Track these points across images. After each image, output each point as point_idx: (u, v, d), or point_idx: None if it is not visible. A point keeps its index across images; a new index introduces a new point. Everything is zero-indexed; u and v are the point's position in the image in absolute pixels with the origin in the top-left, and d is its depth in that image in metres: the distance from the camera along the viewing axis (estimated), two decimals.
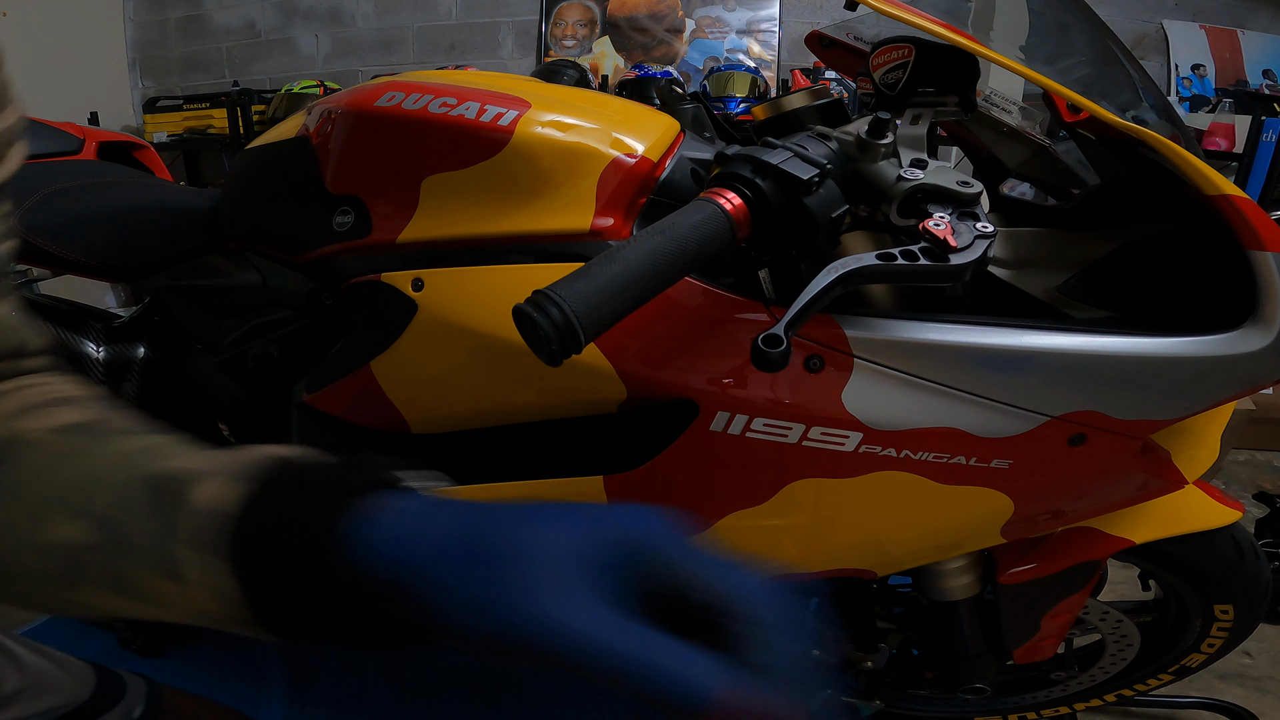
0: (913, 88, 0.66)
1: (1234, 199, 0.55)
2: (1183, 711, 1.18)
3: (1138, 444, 0.64)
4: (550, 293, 0.43)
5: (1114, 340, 0.57)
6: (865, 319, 0.58)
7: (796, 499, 0.64)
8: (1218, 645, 0.90)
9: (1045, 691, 1.02)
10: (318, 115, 0.75)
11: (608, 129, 0.63)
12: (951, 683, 0.89)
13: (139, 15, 3.53)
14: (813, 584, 0.75)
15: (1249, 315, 0.56)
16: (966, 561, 0.81)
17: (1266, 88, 2.89)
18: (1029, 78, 0.55)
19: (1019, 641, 0.85)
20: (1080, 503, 0.69)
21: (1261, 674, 1.25)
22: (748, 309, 0.59)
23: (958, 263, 0.49)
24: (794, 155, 0.51)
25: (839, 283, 0.49)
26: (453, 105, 0.64)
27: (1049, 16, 0.74)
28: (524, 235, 0.62)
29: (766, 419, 0.60)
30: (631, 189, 0.62)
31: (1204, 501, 0.79)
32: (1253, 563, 0.82)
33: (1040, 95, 0.76)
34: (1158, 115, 0.67)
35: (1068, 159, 0.82)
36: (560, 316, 0.42)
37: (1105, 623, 0.91)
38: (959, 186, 0.53)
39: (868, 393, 0.59)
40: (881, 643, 0.95)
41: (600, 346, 0.59)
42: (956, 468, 0.62)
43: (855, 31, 0.87)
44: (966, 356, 0.58)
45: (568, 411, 0.65)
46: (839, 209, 0.52)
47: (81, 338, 0.95)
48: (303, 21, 3.41)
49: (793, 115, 0.66)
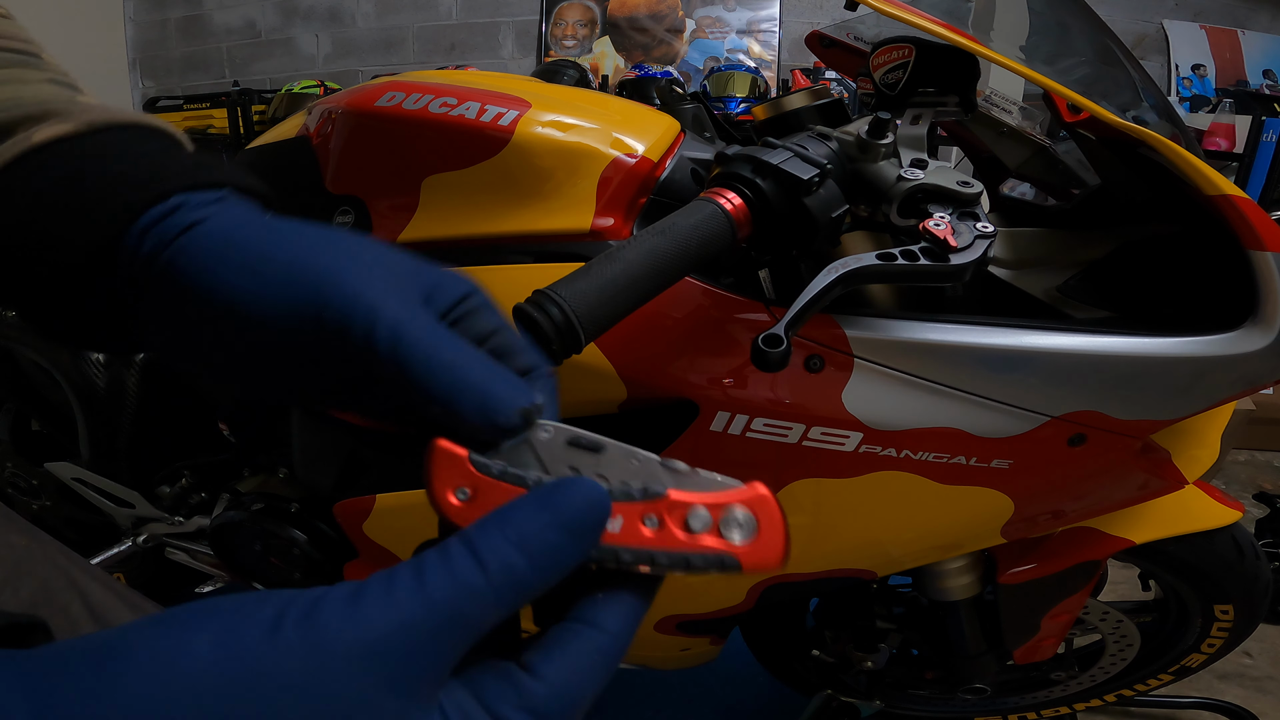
0: (913, 88, 0.66)
1: (1234, 199, 0.55)
2: (1183, 711, 1.18)
3: (1138, 444, 0.64)
4: (550, 292, 0.43)
5: (1114, 340, 0.57)
6: (865, 319, 0.58)
7: (797, 499, 0.64)
8: (1218, 645, 0.90)
9: (1045, 691, 1.02)
10: (318, 115, 0.75)
11: (608, 129, 0.63)
12: (951, 683, 0.89)
13: (139, 15, 3.53)
14: (813, 584, 0.75)
15: (1249, 315, 0.56)
16: (966, 561, 0.81)
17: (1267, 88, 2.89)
18: (1029, 78, 0.55)
19: (1019, 641, 0.85)
20: (1080, 503, 0.69)
21: (1261, 674, 1.25)
22: (748, 309, 0.59)
23: (958, 263, 0.49)
24: (794, 155, 0.51)
25: (839, 283, 0.49)
26: (453, 105, 0.64)
27: (1049, 16, 0.74)
28: (524, 235, 0.62)
29: (767, 419, 0.60)
30: (632, 189, 0.62)
31: (1204, 501, 0.79)
32: (1253, 563, 0.82)
33: (1040, 95, 0.76)
34: (1158, 115, 0.67)
35: (1068, 159, 0.82)
36: (560, 316, 0.42)
37: (1105, 623, 0.91)
38: (959, 186, 0.53)
39: (868, 393, 0.59)
40: (881, 643, 0.95)
41: (600, 346, 0.59)
42: (956, 468, 0.62)
43: (855, 31, 0.87)
44: (966, 356, 0.58)
45: (568, 411, 0.65)
46: (839, 209, 0.52)
47: None
48: (303, 21, 3.41)
49: (793, 115, 0.66)
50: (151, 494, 1.00)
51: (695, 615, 0.78)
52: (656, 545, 0.22)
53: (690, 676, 1.23)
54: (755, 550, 0.22)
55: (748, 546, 0.22)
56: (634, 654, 0.89)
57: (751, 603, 0.75)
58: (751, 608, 0.76)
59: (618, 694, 1.21)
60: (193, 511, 1.00)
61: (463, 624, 0.19)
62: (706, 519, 0.22)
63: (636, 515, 0.22)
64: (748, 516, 0.22)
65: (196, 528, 0.99)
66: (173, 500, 0.99)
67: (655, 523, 0.22)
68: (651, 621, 0.79)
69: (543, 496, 0.21)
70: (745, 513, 0.23)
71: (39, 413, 1.08)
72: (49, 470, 1.04)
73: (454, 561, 0.19)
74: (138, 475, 1.00)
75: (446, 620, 0.19)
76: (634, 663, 0.92)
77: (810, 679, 1.02)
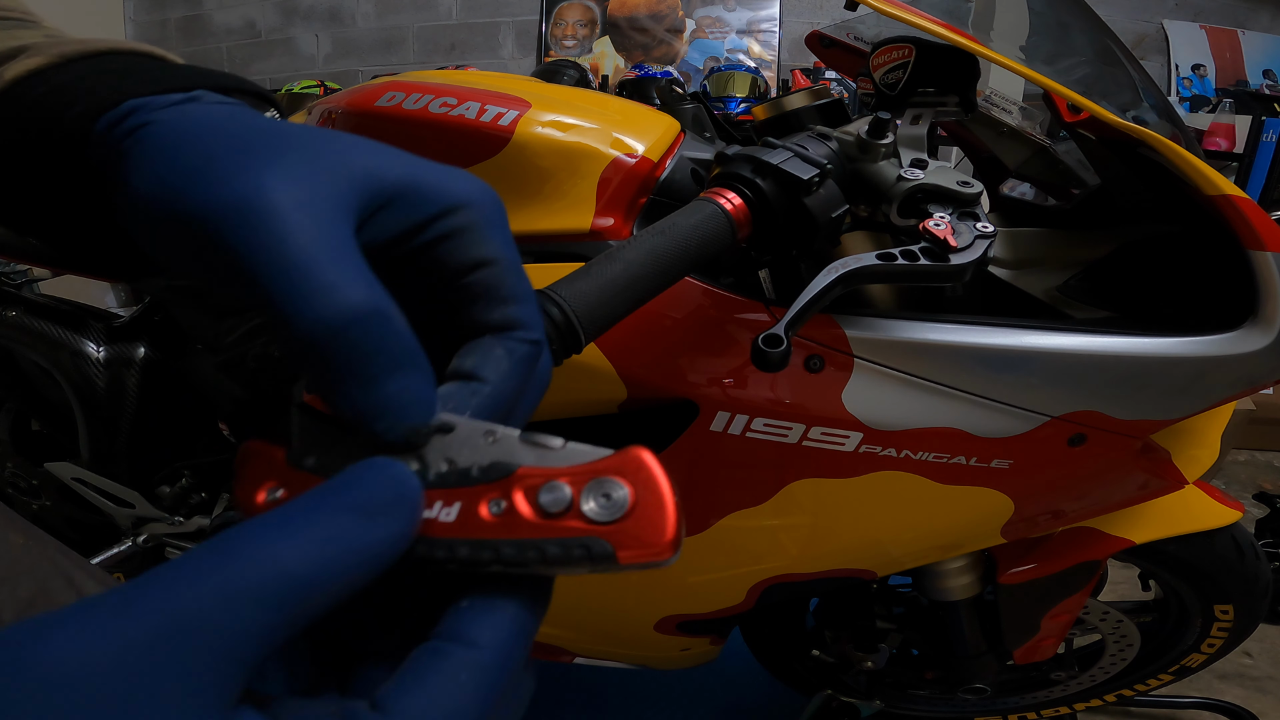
0: (913, 88, 0.66)
1: (1234, 199, 0.55)
2: (1183, 711, 1.18)
3: (1138, 444, 0.64)
4: (550, 292, 0.42)
5: (1114, 340, 0.57)
6: (865, 319, 0.58)
7: (797, 499, 0.64)
8: (1218, 645, 0.90)
9: (1045, 691, 1.02)
10: (318, 115, 0.75)
11: (608, 129, 0.63)
12: (951, 683, 0.89)
13: (139, 15, 3.53)
14: (813, 584, 0.75)
15: (1249, 315, 0.56)
16: (966, 561, 0.81)
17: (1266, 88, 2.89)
18: (1029, 78, 0.55)
19: (1019, 641, 0.85)
20: (1080, 503, 0.69)
21: (1261, 674, 1.25)
22: (748, 309, 0.59)
23: (958, 263, 0.49)
24: (794, 155, 0.51)
25: (839, 283, 0.49)
26: (453, 105, 0.64)
27: (1049, 16, 0.74)
28: (524, 235, 0.62)
29: (767, 419, 0.60)
30: (632, 189, 0.62)
31: (1204, 501, 0.79)
32: (1253, 563, 0.82)
33: (1040, 95, 0.76)
34: (1158, 115, 0.67)
35: (1068, 159, 0.82)
36: (560, 316, 0.42)
37: (1105, 623, 0.91)
38: (959, 186, 0.53)
39: (868, 393, 0.59)
40: (881, 643, 0.95)
41: (600, 346, 0.59)
42: (956, 468, 0.62)
43: (855, 31, 0.87)
44: (966, 356, 0.58)
45: (568, 411, 0.65)
46: (839, 209, 0.52)
47: (81, 338, 0.95)
48: (303, 21, 3.41)
49: (793, 115, 0.66)
50: (151, 494, 1.00)
51: (695, 615, 0.78)
52: (500, 534, 0.18)
53: (690, 676, 1.23)
54: (630, 530, 0.17)
55: (618, 526, 0.17)
56: (634, 654, 0.89)
57: (751, 603, 0.75)
58: (751, 608, 0.76)
59: (618, 694, 1.21)
60: (193, 511, 1.00)
61: (215, 635, 0.15)
62: (565, 496, 0.18)
63: (478, 500, 0.18)
64: (619, 489, 0.17)
65: (196, 528, 0.99)
66: (173, 500, 0.99)
67: (500, 507, 0.18)
68: (651, 621, 0.79)
69: (330, 484, 0.18)
70: (617, 483, 0.17)
71: (39, 413, 1.08)
72: (49, 470, 1.03)
73: (199, 560, 0.16)
74: (138, 475, 1.00)
75: (173, 631, 0.14)
76: (634, 663, 0.92)
77: (810, 679, 1.02)
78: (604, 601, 0.79)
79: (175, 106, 0.24)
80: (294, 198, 0.20)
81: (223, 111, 0.24)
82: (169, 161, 0.21)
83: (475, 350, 0.22)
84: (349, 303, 0.19)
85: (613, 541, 0.17)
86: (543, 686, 1.22)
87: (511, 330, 0.22)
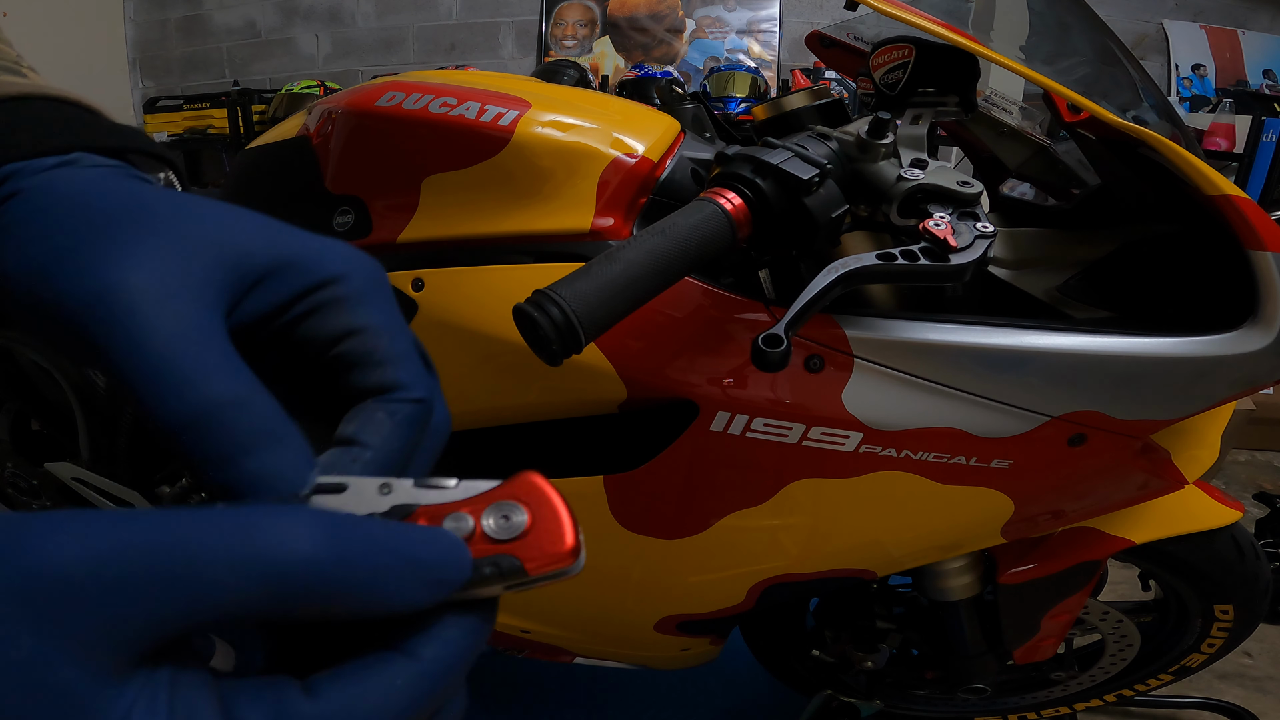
0: (913, 88, 0.66)
1: (1234, 199, 0.55)
2: (1183, 711, 1.18)
3: (1138, 444, 0.64)
4: (550, 292, 0.43)
5: (1114, 340, 0.57)
6: (865, 319, 0.58)
7: (797, 499, 0.64)
8: (1218, 645, 0.90)
9: (1045, 691, 1.02)
10: (318, 115, 0.75)
11: (608, 129, 0.63)
12: (951, 683, 0.89)
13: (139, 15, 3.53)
14: (813, 584, 0.75)
15: (1249, 315, 0.56)
16: (967, 561, 0.81)
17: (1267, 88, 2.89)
18: (1029, 78, 0.55)
19: (1019, 641, 0.85)
20: (1080, 503, 0.69)
21: (1261, 674, 1.25)
22: (748, 309, 0.59)
23: (958, 263, 0.49)
24: (794, 155, 0.51)
25: (839, 283, 0.49)
26: (453, 105, 0.64)
27: (1049, 16, 0.74)
28: (524, 235, 0.62)
29: (767, 419, 0.60)
30: (632, 189, 0.62)
31: (1204, 501, 0.79)
32: (1253, 563, 0.82)
33: (1040, 95, 0.76)
34: (1158, 115, 0.67)
35: (1068, 159, 0.82)
36: (560, 316, 0.42)
37: (1105, 623, 0.91)
38: (959, 186, 0.53)
39: (868, 393, 0.59)
40: (881, 643, 0.95)
41: (600, 346, 0.59)
42: (956, 468, 0.62)
43: (855, 31, 0.87)
44: (966, 356, 0.58)
45: (568, 411, 0.65)
46: (839, 209, 0.52)
47: None
48: (303, 21, 3.41)
49: (793, 115, 0.66)
50: (151, 494, 1.00)
51: (695, 615, 0.78)
52: None
53: (690, 677, 1.23)
54: (533, 544, 0.19)
55: (521, 542, 0.19)
56: (634, 654, 0.89)
57: (751, 603, 0.75)
58: (751, 608, 0.76)
59: (618, 694, 1.21)
60: None
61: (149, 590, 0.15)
62: (467, 525, 0.19)
63: None
64: (517, 510, 0.19)
65: None
66: (173, 500, 0.99)
67: None
68: (651, 622, 0.79)
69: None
70: (514, 505, 0.19)
71: (39, 413, 1.08)
72: (49, 470, 1.03)
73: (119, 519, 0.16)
74: (138, 475, 1.00)
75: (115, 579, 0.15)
76: (634, 663, 0.92)
77: (810, 679, 1.02)
78: (604, 602, 0.79)
79: (48, 172, 0.24)
80: (155, 289, 0.20)
81: (95, 180, 0.24)
82: (33, 241, 0.21)
83: (356, 416, 0.22)
84: (205, 395, 0.19)
85: (519, 556, 0.19)
86: (543, 686, 1.22)
87: (391, 392, 0.23)
